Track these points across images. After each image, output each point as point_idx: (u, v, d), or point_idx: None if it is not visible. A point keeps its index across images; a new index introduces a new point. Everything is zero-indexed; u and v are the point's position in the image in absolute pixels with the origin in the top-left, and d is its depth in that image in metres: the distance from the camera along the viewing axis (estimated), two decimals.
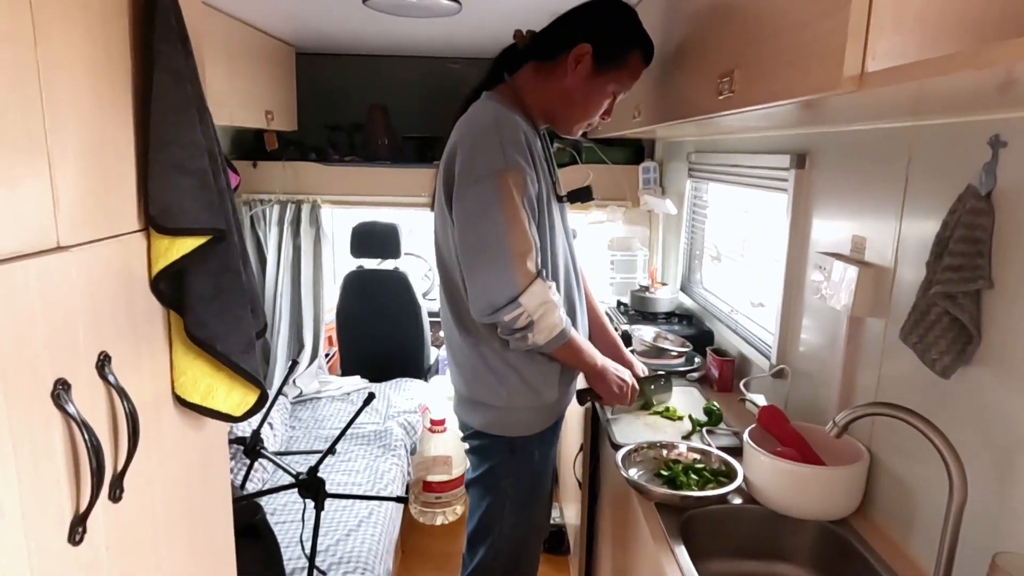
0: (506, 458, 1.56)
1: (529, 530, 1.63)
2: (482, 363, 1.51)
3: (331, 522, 2.08)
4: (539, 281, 1.36)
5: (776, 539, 1.33)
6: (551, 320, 1.38)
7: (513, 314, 1.35)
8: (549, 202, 1.48)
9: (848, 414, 1.05)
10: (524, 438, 1.55)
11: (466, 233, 1.38)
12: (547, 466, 1.62)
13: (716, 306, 2.32)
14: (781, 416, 1.42)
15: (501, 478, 1.57)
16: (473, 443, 1.61)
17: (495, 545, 1.60)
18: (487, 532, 1.60)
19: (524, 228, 1.35)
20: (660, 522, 1.28)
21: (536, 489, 1.60)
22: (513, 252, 1.33)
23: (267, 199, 2.99)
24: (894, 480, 1.26)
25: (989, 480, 1.01)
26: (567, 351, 1.47)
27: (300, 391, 3.05)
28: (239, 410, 0.83)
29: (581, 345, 1.51)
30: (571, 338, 1.45)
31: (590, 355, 1.53)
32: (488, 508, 1.60)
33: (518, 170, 1.35)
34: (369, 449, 2.60)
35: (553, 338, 1.41)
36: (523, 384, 1.50)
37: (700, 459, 1.47)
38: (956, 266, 1.01)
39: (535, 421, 1.55)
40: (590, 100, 1.50)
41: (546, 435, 1.59)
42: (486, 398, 1.53)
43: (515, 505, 1.58)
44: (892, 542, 1.24)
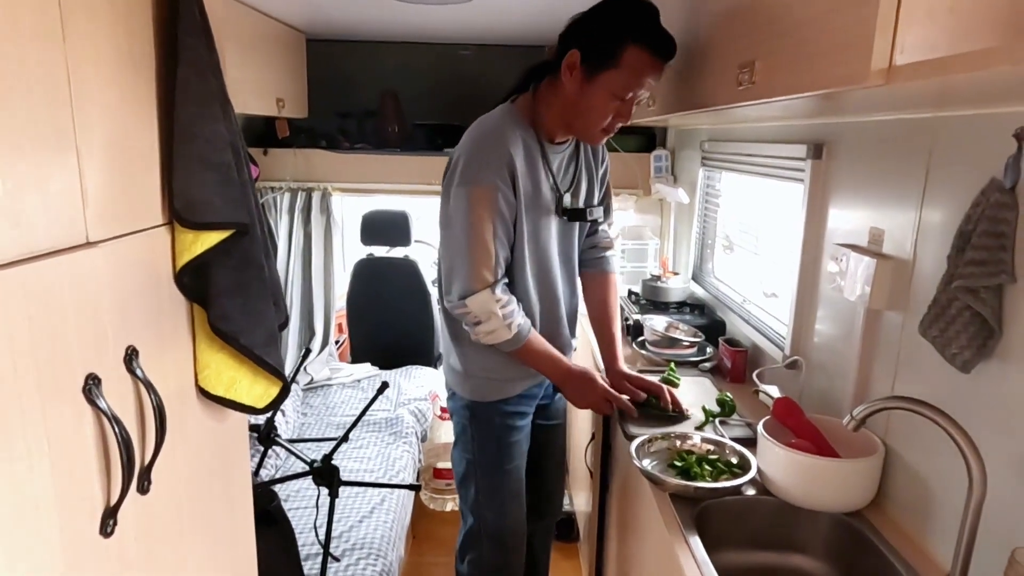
0: (468, 421, 1.67)
1: (505, 498, 1.69)
2: (451, 332, 1.66)
3: (344, 509, 2.10)
4: (487, 291, 1.48)
5: (790, 531, 1.34)
6: (493, 328, 1.50)
7: (461, 310, 1.51)
8: (536, 214, 1.56)
9: (867, 408, 1.05)
10: (482, 404, 1.65)
11: (442, 230, 1.57)
12: (514, 436, 1.68)
13: (728, 296, 2.31)
14: (796, 408, 1.42)
15: (468, 441, 1.68)
16: (450, 404, 1.74)
17: (475, 511, 1.70)
18: (467, 495, 1.71)
19: (485, 239, 1.47)
20: (675, 513, 1.29)
21: (501, 458, 1.67)
22: (472, 259, 1.47)
23: (278, 187, 2.99)
24: (910, 473, 1.26)
25: (1009, 475, 1.01)
26: (522, 358, 1.58)
27: (311, 378, 3.07)
28: (262, 402, 0.83)
29: (540, 358, 1.59)
30: (524, 349, 1.55)
31: (551, 366, 1.61)
32: (465, 470, 1.71)
33: (490, 187, 1.46)
34: (381, 436, 2.61)
35: (501, 344, 1.53)
36: (479, 353, 1.61)
37: (714, 450, 1.48)
38: (979, 260, 1.01)
39: (489, 390, 1.64)
40: (591, 106, 1.48)
41: (510, 405, 1.66)
42: (453, 362, 1.67)
43: (483, 470, 1.68)
44: (907, 535, 1.24)
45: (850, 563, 1.28)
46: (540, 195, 1.56)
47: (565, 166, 1.64)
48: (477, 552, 1.74)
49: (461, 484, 1.74)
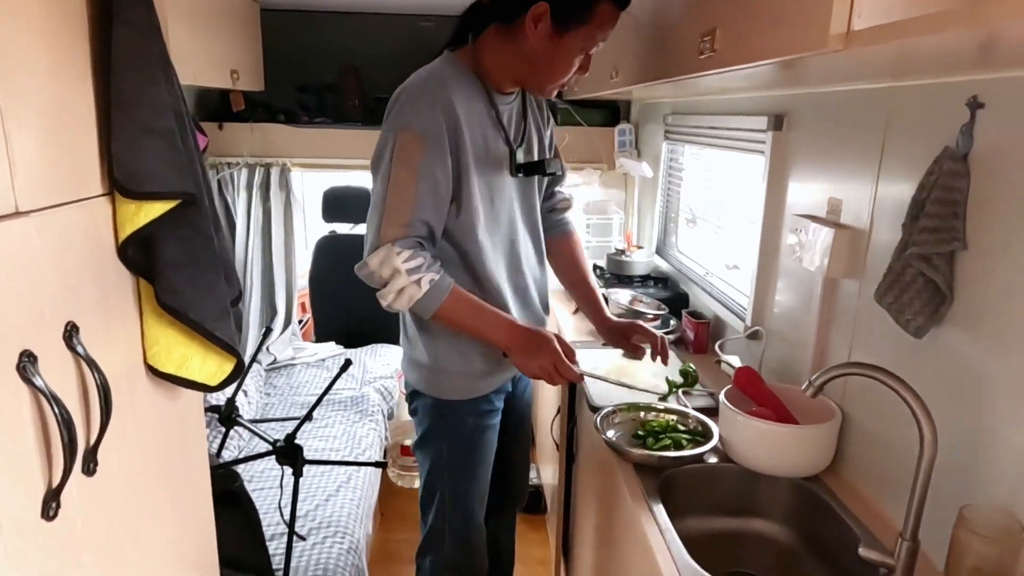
0: (438, 421, 1.53)
1: (473, 501, 1.60)
2: (417, 323, 1.51)
3: (310, 488, 2.08)
4: (388, 246, 1.30)
5: (751, 496, 1.37)
6: (400, 286, 1.31)
7: (364, 272, 1.35)
8: (489, 172, 1.43)
9: (824, 374, 1.07)
10: (453, 403, 1.51)
11: (372, 185, 1.40)
12: (485, 436, 1.57)
13: (691, 269, 2.33)
14: (756, 377, 1.44)
15: (436, 442, 1.55)
16: (412, 403, 1.60)
17: (440, 511, 1.58)
18: (431, 497, 1.59)
19: (405, 192, 1.31)
20: (639, 482, 1.30)
21: (472, 459, 1.56)
22: (384, 212, 1.31)
23: (234, 162, 2.91)
24: (865, 437, 1.29)
25: (958, 436, 1.04)
26: (451, 322, 1.40)
27: (274, 358, 3.02)
28: (215, 379, 0.81)
29: (470, 316, 1.40)
30: (446, 307, 1.35)
31: (490, 328, 1.41)
32: (428, 473, 1.58)
33: (421, 134, 1.31)
34: (346, 415, 2.59)
35: (415, 306, 1.34)
36: (452, 348, 1.48)
37: (677, 420, 1.49)
38: (932, 228, 1.02)
39: (463, 387, 1.51)
40: (555, 62, 1.39)
41: (482, 403, 1.54)
42: (419, 357, 1.52)
43: (452, 472, 1.56)
44: (862, 497, 1.28)
45: (808, 526, 1.31)
46: (490, 150, 1.43)
47: (515, 120, 1.51)
48: (439, 552, 1.64)
49: (425, 486, 1.61)
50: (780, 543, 1.34)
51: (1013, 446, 0.94)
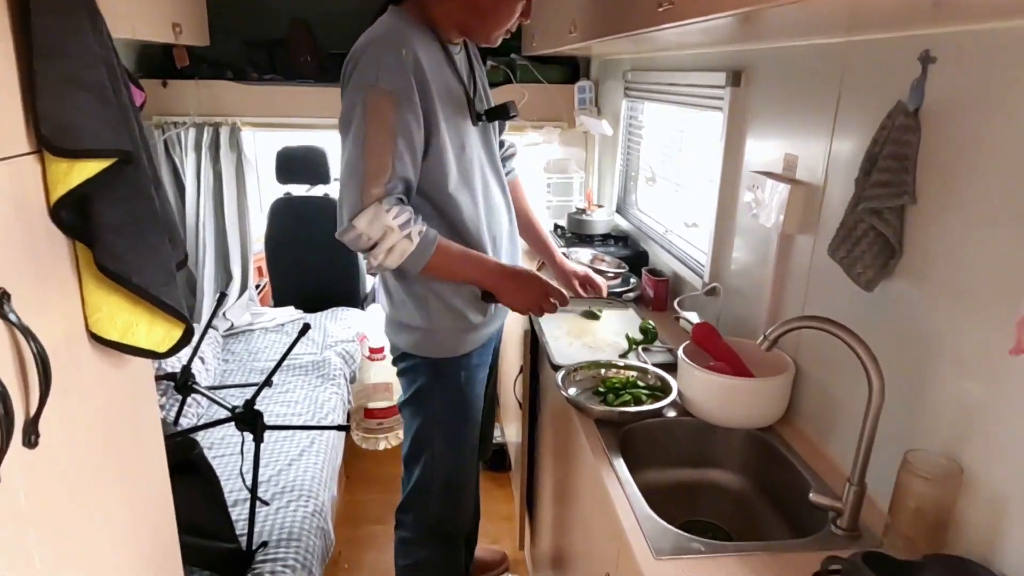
0: (432, 379, 1.57)
1: (462, 452, 1.65)
2: (404, 287, 1.52)
3: (272, 453, 2.07)
4: (375, 205, 1.30)
5: (708, 448, 1.40)
6: (392, 243, 1.32)
7: (350, 235, 1.34)
8: (457, 121, 1.44)
9: (778, 328, 1.09)
10: (449, 360, 1.55)
11: (341, 147, 1.37)
12: (476, 389, 1.63)
13: (651, 227, 2.34)
14: (713, 332, 1.46)
15: (429, 399, 1.58)
16: (401, 365, 1.63)
17: (429, 466, 1.62)
18: (420, 453, 1.63)
19: (382, 150, 1.30)
20: (600, 438, 1.32)
21: (465, 411, 1.61)
22: (363, 173, 1.30)
23: (181, 121, 2.79)
24: (817, 388, 1.33)
25: (904, 385, 1.08)
26: (442, 270, 1.43)
27: (231, 324, 2.96)
28: (163, 346, 0.78)
29: (459, 261, 1.43)
30: (436, 256, 1.37)
31: (478, 268, 1.46)
32: (419, 429, 1.62)
33: (391, 90, 1.30)
34: (308, 380, 2.57)
35: (407, 260, 1.35)
36: (444, 307, 1.50)
37: (636, 376, 1.51)
38: (884, 182, 1.04)
39: (459, 343, 1.55)
40: (499, 8, 1.40)
41: (474, 357, 1.59)
42: (409, 319, 1.53)
43: (445, 426, 1.60)
44: (814, 445, 1.32)
45: (763, 474, 1.36)
46: (454, 100, 1.43)
47: (466, 69, 1.53)
48: (423, 507, 1.67)
49: (414, 441, 1.62)
50: (736, 491, 1.38)
51: (954, 394, 0.98)
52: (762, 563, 0.99)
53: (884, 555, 0.90)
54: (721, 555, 1.01)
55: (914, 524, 0.96)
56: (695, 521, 1.34)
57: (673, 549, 1.02)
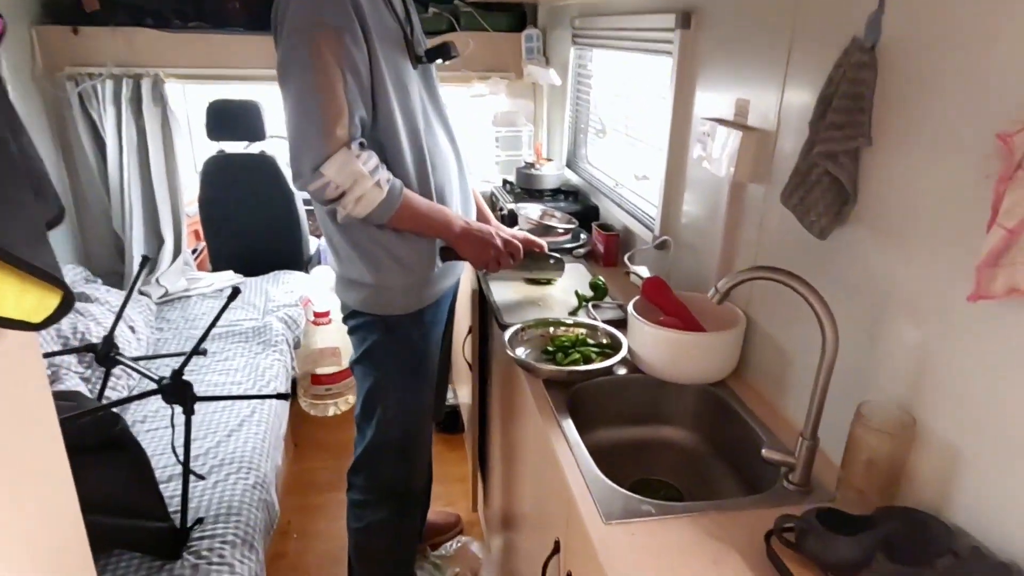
0: (383, 337, 1.50)
1: (417, 411, 1.59)
2: (351, 242, 1.45)
3: (211, 424, 1.97)
4: (345, 150, 1.25)
5: (660, 405, 1.37)
6: (364, 190, 1.28)
7: (318, 184, 1.26)
8: (397, 63, 1.35)
9: (729, 280, 1.04)
10: (400, 316, 1.49)
11: (282, 94, 1.29)
12: (430, 346, 1.56)
13: (601, 181, 2.28)
14: (664, 286, 1.42)
15: (380, 357, 1.53)
16: (351, 323, 1.56)
17: (382, 426, 1.57)
18: (372, 413, 1.57)
19: (335, 90, 1.23)
20: (548, 398, 1.27)
21: (418, 369, 1.55)
22: (321, 117, 1.23)
23: (97, 73, 2.56)
24: (769, 342, 1.30)
25: (858, 337, 1.05)
26: (406, 220, 1.37)
27: (165, 291, 2.80)
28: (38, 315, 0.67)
29: (425, 211, 1.39)
30: (403, 206, 1.34)
31: (441, 220, 1.42)
32: (371, 388, 1.56)
33: (337, 26, 1.23)
34: (248, 347, 2.45)
35: (376, 209, 1.31)
36: (395, 262, 1.44)
37: (586, 334, 1.46)
38: (838, 123, 0.99)
39: (410, 300, 1.49)
40: None
41: (427, 314, 1.52)
42: (359, 276, 1.47)
43: (397, 385, 1.54)
44: (766, 400, 1.30)
45: (715, 430, 1.33)
46: (392, 39, 1.35)
47: (403, 8, 1.43)
48: (376, 468, 1.62)
49: (366, 400, 1.57)
50: (688, 448, 1.36)
51: (908, 344, 0.95)
52: (714, 523, 0.96)
53: (836, 511, 0.88)
54: (672, 517, 0.98)
55: (866, 477, 0.93)
56: (647, 480, 1.31)
57: (623, 512, 0.98)
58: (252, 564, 1.54)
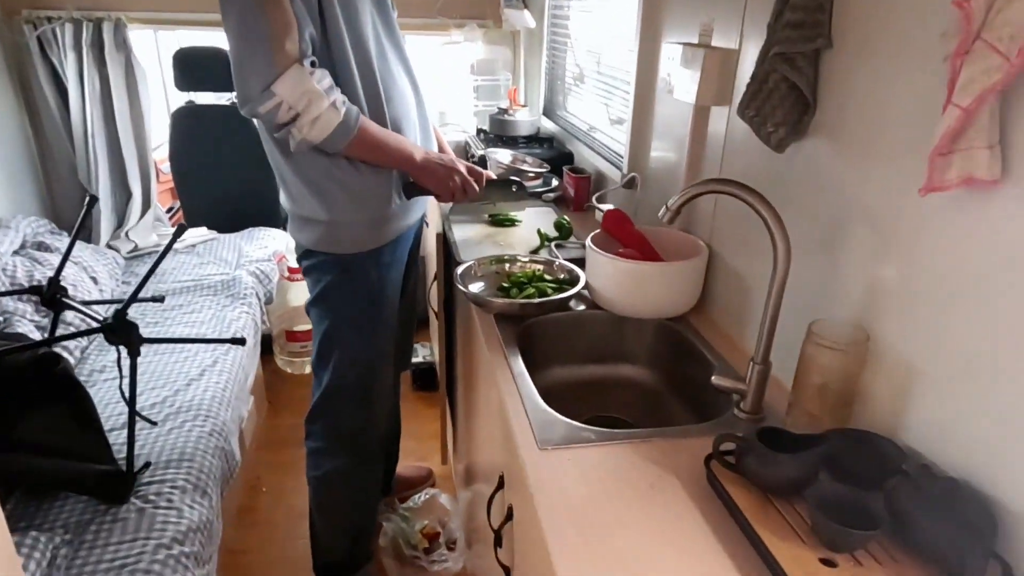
0: (339, 277, 1.43)
1: (374, 355, 1.53)
2: (302, 176, 1.37)
3: (171, 374, 1.92)
4: (297, 67, 1.15)
5: (617, 342, 1.31)
6: (320, 111, 1.19)
7: (269, 105, 1.17)
8: None
9: (680, 197, 0.97)
10: (356, 255, 1.42)
11: (223, 15, 1.19)
12: (388, 288, 1.49)
13: (577, 127, 2.20)
14: (624, 218, 1.35)
15: (336, 299, 1.46)
16: (305, 263, 1.49)
17: (338, 371, 1.51)
18: (328, 357, 1.51)
19: (280, 3, 1.13)
20: (498, 334, 1.21)
21: (376, 312, 1.48)
22: (270, 30, 1.13)
23: (55, 16, 2.47)
24: (732, 274, 1.24)
25: (815, 256, 0.98)
26: (364, 148, 1.29)
27: (135, 245, 2.74)
28: None
29: (383, 139, 1.31)
30: (362, 131, 1.26)
31: (401, 149, 1.34)
32: (326, 332, 1.49)
33: None
34: (216, 299, 2.39)
35: (333, 134, 1.22)
36: (349, 197, 1.36)
37: (543, 270, 1.40)
38: (796, 23, 0.91)
39: (366, 237, 1.41)
40: None
41: (385, 254, 1.45)
42: (312, 213, 1.39)
43: (355, 329, 1.48)
44: (727, 335, 1.24)
45: (673, 367, 1.27)
46: None
47: None
48: (333, 415, 1.56)
49: (322, 344, 1.51)
50: (646, 386, 1.30)
51: (865, 259, 0.88)
52: (657, 449, 0.91)
53: (781, 430, 0.82)
54: (613, 443, 0.92)
55: (818, 399, 0.88)
56: (602, 417, 1.26)
57: (562, 439, 0.92)
58: (204, 510, 1.50)
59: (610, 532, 0.76)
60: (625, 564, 0.72)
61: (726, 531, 0.76)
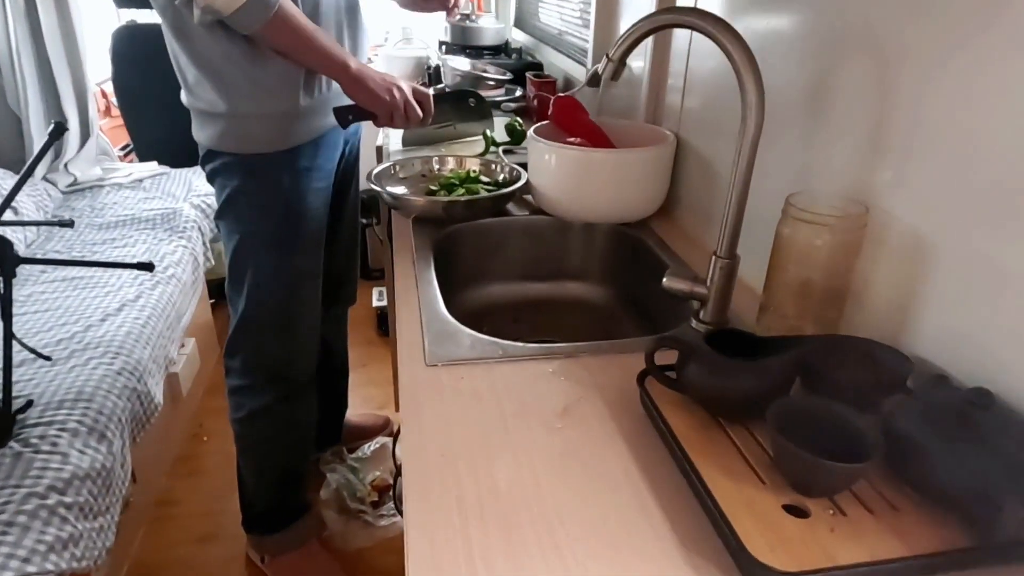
0: (246, 182, 1.21)
1: (295, 277, 1.30)
2: (198, 61, 1.13)
3: (85, 308, 1.71)
4: None
5: (565, 254, 1.09)
6: None
7: None
8: None
9: (623, 38, 0.74)
10: (263, 156, 1.18)
11: None
12: (307, 197, 1.25)
13: (547, 33, 1.94)
14: (575, 105, 1.11)
15: (244, 207, 1.23)
16: (208, 166, 1.26)
17: (254, 295, 1.29)
18: (242, 278, 1.29)
19: None
20: (412, 243, 0.99)
21: (292, 225, 1.25)
22: None
23: None
24: (703, 168, 1.00)
25: (796, 117, 0.75)
26: (285, 35, 1.06)
27: (74, 179, 2.51)
28: None
29: (312, 31, 1.08)
30: (283, 11, 1.02)
31: (332, 49, 1.11)
32: (237, 248, 1.27)
33: None
34: (154, 233, 2.17)
35: (245, 5, 0.98)
36: (251, 84, 1.12)
37: (479, 171, 1.16)
38: None
39: (273, 134, 1.17)
40: None
41: (303, 157, 1.22)
42: (210, 105, 1.16)
43: (269, 244, 1.25)
44: (697, 241, 1.01)
45: (630, 283, 1.05)
46: None
47: None
48: (252, 346, 1.36)
49: (233, 263, 1.30)
50: (598, 307, 1.08)
51: (862, 109, 0.65)
52: (583, 368, 0.69)
53: (741, 332, 0.60)
54: (527, 359, 0.70)
55: (798, 298, 0.65)
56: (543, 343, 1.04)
57: (459, 355, 0.70)
58: (99, 456, 1.30)
59: (489, 472, 0.55)
60: (503, 516, 0.50)
61: (657, 468, 0.55)
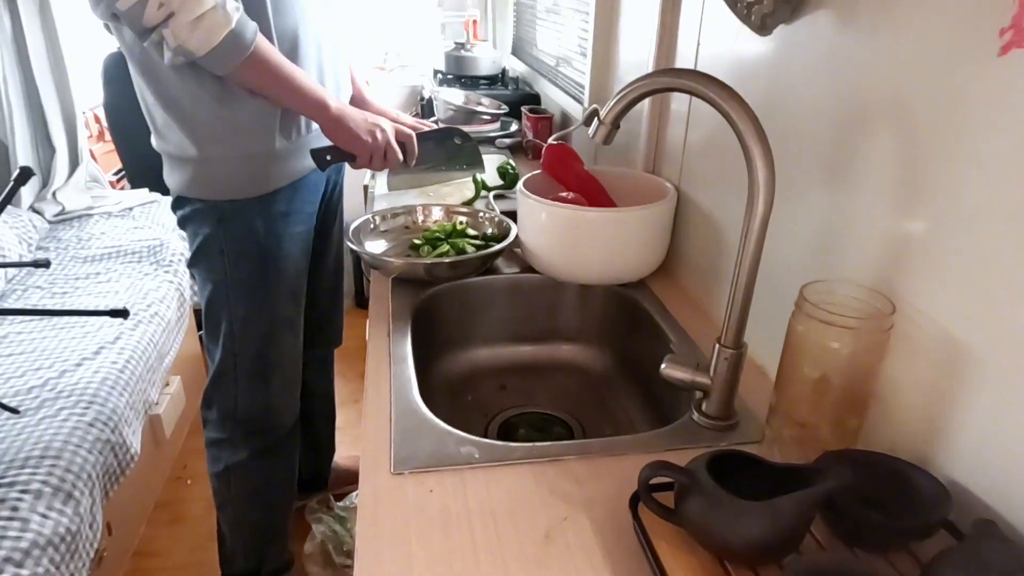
0: (216, 229, 1.13)
1: (272, 326, 1.23)
2: (165, 102, 1.06)
3: (60, 352, 1.63)
4: None
5: (557, 315, 1.01)
6: (201, 10, 0.88)
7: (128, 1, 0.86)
8: None
9: (616, 99, 0.66)
10: (235, 203, 1.11)
11: None
12: (283, 244, 1.18)
13: (544, 63, 1.87)
14: (568, 153, 1.04)
15: (216, 256, 1.16)
16: (179, 213, 1.19)
17: (228, 345, 1.22)
18: (217, 328, 1.22)
19: None
20: (389, 301, 0.91)
21: (267, 272, 1.18)
22: None
23: None
24: (707, 227, 0.92)
25: (811, 186, 0.67)
26: (261, 75, 0.99)
27: (62, 207, 2.45)
28: None
29: (290, 70, 1.01)
30: (259, 51, 0.96)
31: (312, 89, 1.03)
32: (211, 297, 1.20)
33: None
34: (139, 267, 2.10)
35: (221, 45, 0.91)
36: (222, 125, 1.05)
37: (467, 223, 1.09)
38: None
39: (245, 179, 1.10)
40: None
41: (279, 202, 1.14)
42: (178, 149, 1.09)
43: (241, 292, 1.18)
44: (698, 305, 0.93)
45: (628, 348, 0.97)
46: None
47: None
48: (227, 397, 1.28)
49: (208, 312, 1.24)
50: (592, 373, 1.00)
51: (885, 187, 0.57)
52: (570, 476, 0.61)
53: (747, 455, 0.52)
54: (508, 464, 0.62)
55: (813, 402, 0.57)
56: (532, 414, 0.96)
57: (429, 457, 0.62)
58: (64, 519, 1.22)
59: None
60: None
61: None
